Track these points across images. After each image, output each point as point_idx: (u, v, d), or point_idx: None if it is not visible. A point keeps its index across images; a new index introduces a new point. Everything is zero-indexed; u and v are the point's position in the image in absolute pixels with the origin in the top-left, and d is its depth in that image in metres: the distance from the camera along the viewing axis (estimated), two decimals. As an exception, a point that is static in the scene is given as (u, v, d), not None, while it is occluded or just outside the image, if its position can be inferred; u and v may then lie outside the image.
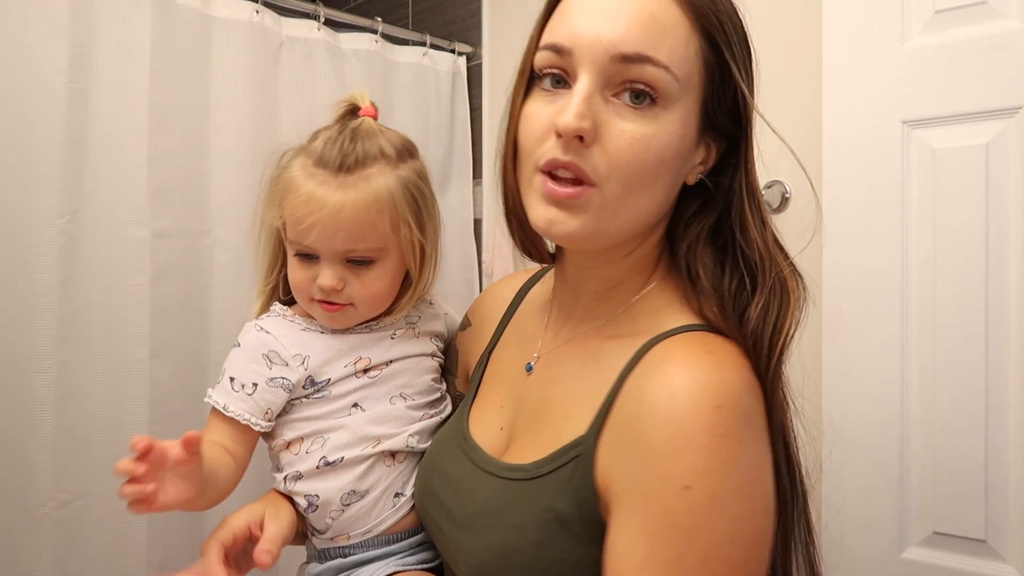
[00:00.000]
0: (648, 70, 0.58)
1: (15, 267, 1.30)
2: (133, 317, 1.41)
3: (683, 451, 0.55)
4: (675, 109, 0.60)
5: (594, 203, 0.60)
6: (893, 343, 1.16)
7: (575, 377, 0.68)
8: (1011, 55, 1.06)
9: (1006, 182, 1.07)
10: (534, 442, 0.67)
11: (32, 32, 1.31)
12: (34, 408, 1.32)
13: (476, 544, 0.65)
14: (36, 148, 1.31)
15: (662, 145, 0.59)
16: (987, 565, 1.09)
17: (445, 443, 0.78)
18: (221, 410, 0.79)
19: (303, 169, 0.77)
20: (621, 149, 0.59)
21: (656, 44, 0.58)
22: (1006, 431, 1.07)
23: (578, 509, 0.60)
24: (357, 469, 0.79)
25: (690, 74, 0.60)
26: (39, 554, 1.32)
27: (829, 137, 1.23)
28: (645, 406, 0.58)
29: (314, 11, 1.70)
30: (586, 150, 0.59)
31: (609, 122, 0.59)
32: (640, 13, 0.59)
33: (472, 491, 0.69)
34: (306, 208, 0.75)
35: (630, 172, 0.59)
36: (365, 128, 0.80)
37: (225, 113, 1.54)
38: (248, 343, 0.81)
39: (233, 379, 0.80)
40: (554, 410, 0.68)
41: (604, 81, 0.59)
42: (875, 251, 1.18)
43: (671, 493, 0.55)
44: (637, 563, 0.55)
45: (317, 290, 0.79)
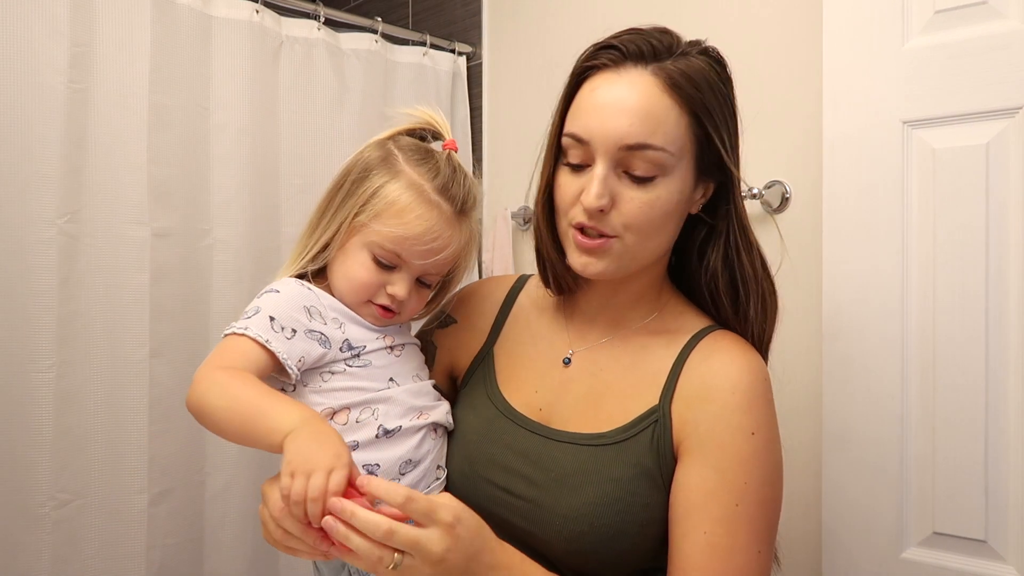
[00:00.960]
0: (649, 154, 0.76)
1: (15, 267, 1.30)
2: (133, 317, 1.41)
3: (751, 408, 0.78)
4: (673, 174, 0.78)
5: (616, 250, 0.80)
6: (893, 343, 1.16)
7: (629, 366, 0.86)
8: (1011, 55, 1.06)
9: (1006, 182, 1.07)
10: (596, 418, 0.83)
11: (32, 32, 1.31)
12: (34, 408, 1.32)
13: (575, 500, 0.79)
14: (36, 148, 1.31)
15: (664, 204, 0.78)
16: (987, 565, 1.09)
17: (493, 421, 0.88)
18: (263, 343, 0.78)
19: (420, 192, 0.83)
20: (633, 213, 0.78)
21: (653, 132, 0.75)
22: (1006, 431, 1.07)
23: (659, 462, 0.79)
24: (414, 438, 0.83)
25: (683, 146, 0.78)
26: (39, 554, 1.32)
27: (829, 137, 1.23)
28: (715, 377, 0.79)
29: (314, 11, 1.70)
30: (606, 216, 0.78)
31: (623, 193, 0.78)
32: (640, 108, 0.75)
33: (555, 458, 0.82)
34: (427, 236, 0.82)
35: (641, 228, 0.78)
36: (463, 167, 0.88)
37: (225, 113, 1.54)
38: (290, 292, 0.83)
39: (273, 319, 0.80)
40: (612, 391, 0.85)
41: (615, 163, 0.77)
42: (875, 251, 1.18)
43: (741, 438, 0.77)
44: (709, 492, 0.76)
45: (384, 296, 0.85)
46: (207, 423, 0.76)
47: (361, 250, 0.84)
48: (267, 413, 0.71)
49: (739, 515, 0.75)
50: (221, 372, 0.76)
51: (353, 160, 0.88)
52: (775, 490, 0.79)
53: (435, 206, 0.83)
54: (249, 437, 0.73)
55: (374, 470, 0.80)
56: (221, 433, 0.75)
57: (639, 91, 0.76)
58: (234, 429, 0.74)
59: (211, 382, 0.75)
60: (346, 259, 0.86)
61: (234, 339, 0.80)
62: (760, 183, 1.41)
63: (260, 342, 0.78)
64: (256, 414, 0.72)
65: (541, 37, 1.83)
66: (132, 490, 1.41)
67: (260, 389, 0.74)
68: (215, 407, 0.74)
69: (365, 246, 0.84)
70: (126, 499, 1.41)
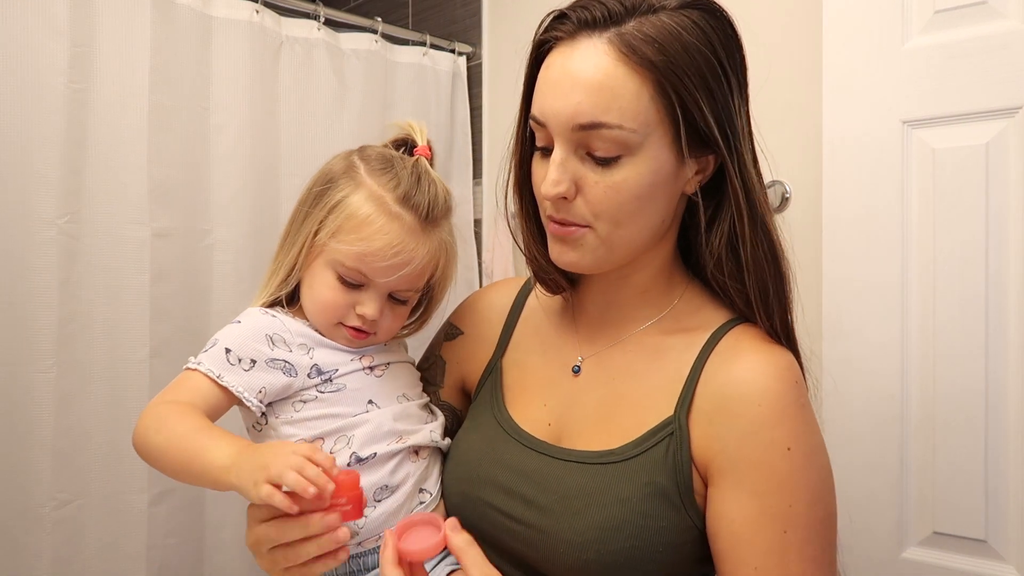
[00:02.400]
0: (604, 133, 0.66)
1: (15, 267, 1.30)
2: (133, 317, 1.41)
3: (782, 419, 0.68)
4: (642, 152, 0.68)
5: (589, 240, 0.72)
6: (893, 343, 1.16)
7: (642, 371, 0.77)
8: (1011, 55, 1.06)
9: (1006, 182, 1.07)
10: (608, 431, 0.75)
11: (32, 32, 1.31)
12: (34, 408, 1.32)
13: (580, 524, 0.70)
14: (36, 148, 1.31)
15: (633, 186, 0.68)
16: (987, 565, 1.09)
17: (496, 441, 0.81)
18: (214, 379, 0.76)
19: (381, 205, 0.78)
20: (599, 198, 0.69)
21: (607, 108, 0.66)
22: (1006, 431, 1.07)
23: (675, 480, 0.70)
24: (389, 464, 0.79)
25: (647, 120, 0.67)
26: (39, 554, 1.32)
27: (829, 137, 1.23)
28: (739, 387, 0.69)
29: (314, 11, 1.70)
30: (571, 204, 0.70)
31: (586, 176, 0.69)
32: (590, 83, 0.66)
33: (559, 478, 0.74)
34: (389, 251, 0.77)
35: (612, 214, 0.69)
36: (432, 173, 0.82)
37: (225, 113, 1.54)
38: (251, 323, 0.80)
39: (229, 351, 0.77)
40: (625, 401, 0.76)
41: (574, 145, 0.69)
42: (875, 251, 1.18)
43: (776, 455, 0.67)
44: (751, 521, 0.67)
45: (354, 317, 0.80)
46: (150, 461, 0.73)
47: (325, 270, 0.80)
48: (201, 449, 0.68)
49: (789, 543, 0.66)
50: (164, 407, 0.73)
51: (318, 173, 0.84)
52: (826, 507, 0.69)
53: (396, 218, 0.78)
54: (190, 475, 0.69)
55: None
56: (165, 471, 0.72)
57: (592, 63, 0.66)
58: (174, 468, 0.70)
59: (152, 417, 0.72)
60: (312, 280, 0.81)
61: (188, 374, 0.77)
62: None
63: (211, 378, 0.76)
64: (192, 451, 0.68)
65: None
66: (132, 490, 1.41)
67: (196, 424, 0.71)
68: (153, 444, 0.71)
69: (328, 265, 0.79)
70: (126, 499, 1.41)
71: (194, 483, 0.70)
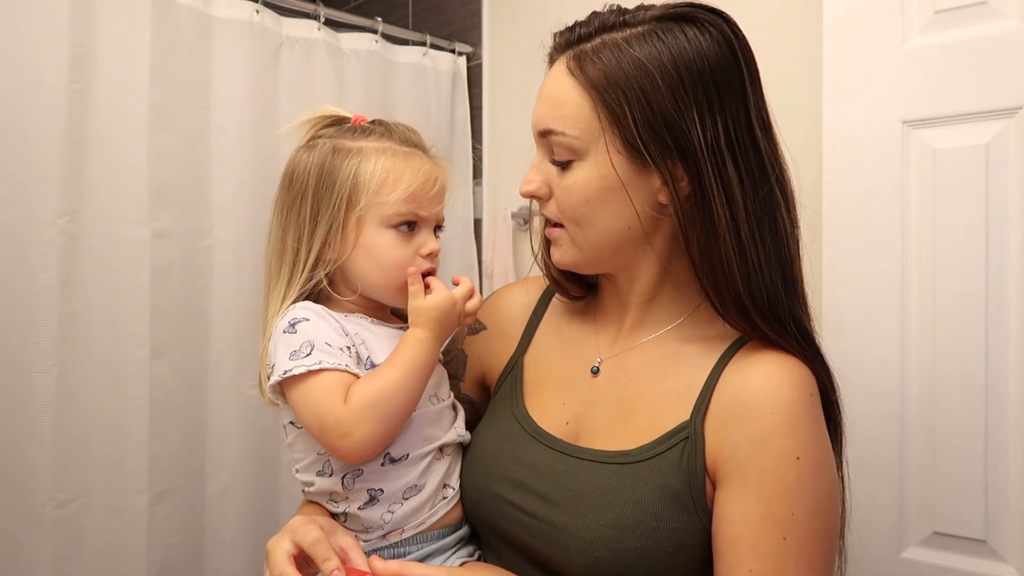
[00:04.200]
0: (554, 139, 0.75)
1: (15, 267, 1.31)
2: (133, 317, 1.41)
3: (794, 428, 0.69)
4: (588, 158, 0.74)
5: (564, 239, 0.79)
6: (893, 343, 1.16)
7: (660, 375, 0.79)
8: (1011, 55, 1.06)
9: (1006, 182, 1.07)
10: (625, 432, 0.77)
11: (32, 32, 1.31)
12: (34, 408, 1.32)
13: (593, 522, 0.72)
14: (36, 148, 1.32)
15: (582, 188, 0.75)
16: (987, 565, 1.09)
17: (513, 438, 0.83)
18: (343, 370, 0.75)
19: (393, 153, 0.83)
20: (560, 199, 0.77)
21: (554, 117, 0.74)
22: (1006, 431, 1.07)
23: (688, 483, 0.72)
24: (421, 464, 0.81)
25: (589, 127, 0.73)
26: (39, 554, 1.32)
27: (829, 137, 1.23)
28: (753, 394, 0.71)
29: (314, 11, 1.70)
30: (548, 203, 0.78)
31: (554, 179, 0.77)
32: (547, 96, 0.76)
33: (575, 476, 0.76)
34: (430, 178, 0.83)
35: (570, 213, 0.76)
36: (395, 123, 0.89)
37: (225, 113, 1.54)
38: (318, 315, 0.79)
39: (330, 344, 0.77)
40: (642, 403, 0.78)
41: (547, 150, 0.77)
42: (875, 251, 1.18)
43: (785, 463, 0.69)
44: (753, 524, 0.68)
45: (422, 261, 0.83)
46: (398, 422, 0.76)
47: (378, 232, 0.82)
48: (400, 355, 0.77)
49: (787, 550, 0.68)
50: (352, 403, 0.74)
51: (294, 174, 0.85)
52: (828, 520, 0.71)
53: (414, 155, 0.84)
54: (426, 375, 0.78)
55: (377, 495, 0.79)
56: (412, 403, 0.77)
57: (553, 79, 0.76)
58: (418, 387, 0.77)
59: (361, 411, 0.73)
60: (368, 253, 0.82)
61: (320, 378, 0.75)
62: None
63: (342, 369, 0.76)
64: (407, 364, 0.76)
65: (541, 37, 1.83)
66: (132, 490, 1.41)
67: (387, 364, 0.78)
68: (393, 407, 0.75)
69: (381, 225, 0.82)
70: (126, 499, 1.41)
71: (426, 381, 0.79)
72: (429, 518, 0.81)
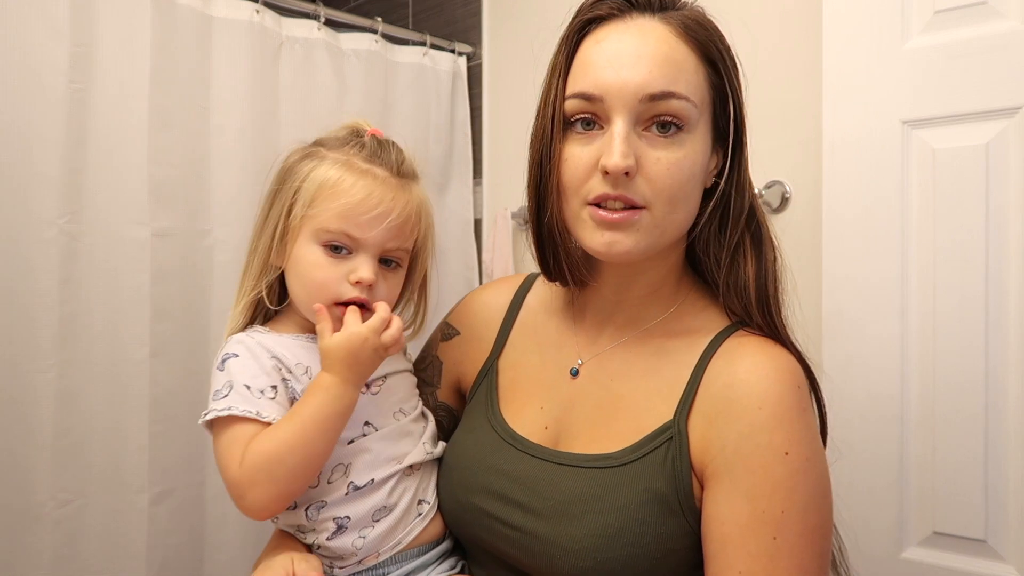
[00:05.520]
0: (673, 104, 0.68)
1: (15, 267, 1.30)
2: (133, 317, 1.41)
3: (782, 423, 0.67)
4: (696, 131, 0.70)
5: (644, 223, 0.69)
6: (893, 343, 1.16)
7: (643, 373, 0.76)
8: (1011, 55, 1.06)
9: (1006, 182, 1.07)
10: (607, 434, 0.74)
11: (32, 32, 1.31)
12: (34, 408, 1.32)
13: (576, 531, 0.69)
14: (36, 148, 1.31)
15: (692, 164, 0.69)
16: (987, 565, 1.08)
17: (490, 446, 0.79)
18: (255, 417, 0.72)
19: (351, 166, 0.77)
20: (661, 175, 0.68)
21: (675, 79, 0.68)
22: (1006, 431, 1.07)
23: (674, 485, 0.69)
24: (386, 486, 0.78)
25: (703, 98, 0.70)
26: (39, 554, 1.32)
27: (829, 137, 1.23)
28: (740, 388, 0.68)
29: (314, 11, 1.70)
30: (631, 182, 0.68)
31: (646, 153, 0.68)
32: (657, 55, 0.68)
33: (554, 483, 0.72)
34: (370, 201, 0.76)
35: (672, 193, 0.69)
36: (393, 141, 0.82)
37: (225, 113, 1.54)
38: (249, 351, 0.76)
39: (250, 386, 0.74)
40: (625, 404, 0.75)
41: (635, 119, 0.68)
42: (875, 251, 1.18)
43: (773, 459, 0.66)
44: (743, 523, 0.66)
45: (349, 288, 0.76)
46: (296, 481, 0.72)
47: (308, 246, 0.76)
48: (305, 405, 0.73)
49: (778, 549, 0.65)
50: (247, 461, 0.71)
51: (277, 169, 0.83)
52: (821, 516, 0.68)
53: (367, 173, 0.77)
54: (330, 428, 0.72)
55: (344, 523, 0.76)
56: (312, 461, 0.72)
57: (655, 37, 0.69)
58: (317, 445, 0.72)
59: (255, 471, 0.71)
60: (295, 266, 0.78)
61: (227, 425, 0.73)
62: (760, 183, 1.41)
63: (251, 418, 0.72)
64: (306, 418, 0.72)
65: (541, 37, 1.83)
66: (132, 490, 1.41)
67: (285, 420, 0.73)
68: (287, 467, 0.71)
69: (311, 238, 0.76)
70: (126, 499, 1.41)
71: (337, 434, 0.74)
72: (405, 537, 0.78)
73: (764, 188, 1.41)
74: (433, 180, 1.96)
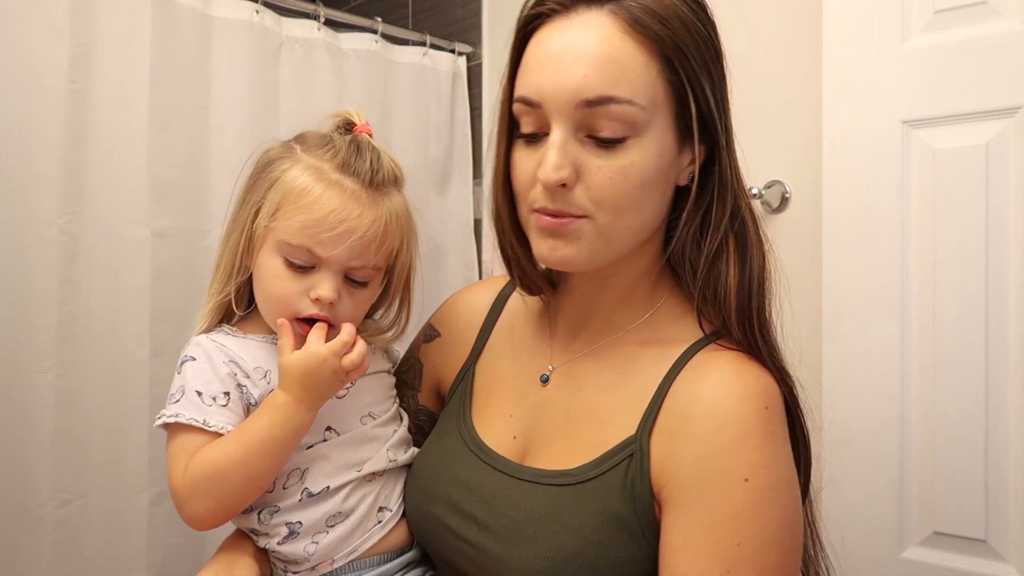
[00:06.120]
0: (613, 109, 0.61)
1: (15, 267, 1.30)
2: (133, 317, 1.41)
3: (742, 446, 0.60)
4: (648, 133, 0.63)
5: (587, 232, 0.64)
6: (893, 343, 1.16)
7: (611, 384, 0.70)
8: (1011, 55, 1.06)
9: (1006, 182, 1.07)
10: (572, 448, 0.68)
11: (32, 32, 1.31)
12: (34, 408, 1.32)
13: (529, 552, 0.64)
14: (36, 148, 1.31)
15: (640, 170, 0.63)
16: (987, 565, 1.09)
17: (455, 454, 0.75)
18: (201, 426, 0.71)
19: (321, 175, 0.73)
20: (603, 185, 0.63)
21: (616, 82, 0.61)
22: (1006, 431, 1.07)
23: (634, 506, 0.64)
24: (340, 494, 0.75)
25: (655, 97, 0.63)
26: (39, 554, 1.32)
27: (829, 137, 1.23)
28: (701, 407, 0.63)
29: (314, 11, 1.70)
30: (570, 193, 0.63)
31: (587, 162, 0.63)
32: (596, 56, 0.61)
33: (511, 499, 0.68)
34: (334, 218, 0.71)
35: (616, 202, 0.63)
36: (375, 145, 0.77)
37: (225, 113, 1.54)
38: (206, 355, 0.75)
39: (201, 392, 0.73)
40: (591, 416, 0.70)
41: (575, 126, 0.63)
42: (875, 251, 1.18)
43: (730, 485, 0.60)
44: (695, 554, 0.60)
45: (309, 304, 0.73)
46: (233, 501, 0.71)
47: (271, 257, 0.73)
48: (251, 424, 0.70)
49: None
50: (188, 473, 0.70)
51: (253, 164, 0.79)
52: (782, 553, 0.61)
53: (335, 185, 0.72)
54: (274, 451, 0.70)
55: (296, 528, 0.74)
56: (254, 485, 0.71)
57: (596, 35, 0.61)
58: (258, 467, 0.70)
59: (192, 487, 0.70)
60: (259, 273, 0.75)
61: (176, 432, 0.73)
62: (760, 183, 1.41)
63: (197, 426, 0.71)
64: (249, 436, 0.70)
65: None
66: (132, 490, 1.41)
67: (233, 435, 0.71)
68: (225, 488, 0.70)
69: (274, 250, 0.73)
70: (126, 499, 1.41)
71: (287, 454, 0.71)
72: (361, 545, 0.76)
73: (764, 188, 1.41)
74: (433, 180, 1.96)
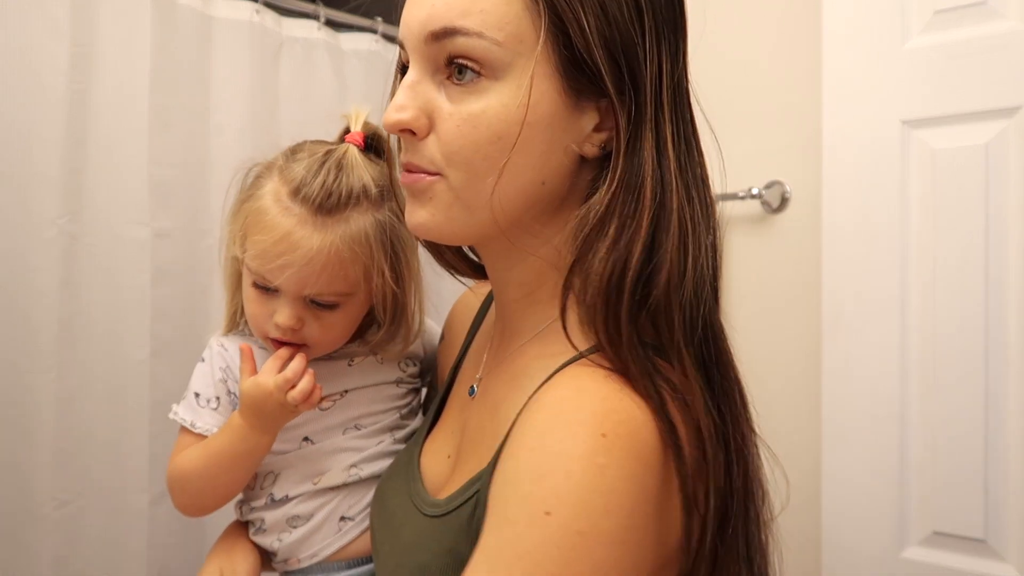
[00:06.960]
0: (459, 42, 0.52)
1: (15, 268, 1.30)
2: (134, 318, 1.41)
3: (551, 474, 0.46)
4: (508, 77, 0.52)
5: (441, 193, 0.55)
6: (893, 343, 1.16)
7: (499, 403, 0.60)
8: (1011, 55, 1.06)
9: (1006, 182, 1.07)
10: (463, 474, 0.60)
11: (32, 32, 1.31)
12: (34, 408, 1.32)
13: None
14: (36, 148, 1.31)
15: (494, 120, 0.52)
16: (987, 565, 1.09)
17: (396, 471, 0.73)
18: (188, 427, 0.79)
19: (276, 200, 0.71)
20: (451, 134, 0.53)
21: (464, 12, 0.51)
22: (1006, 431, 1.07)
23: (472, 548, 0.50)
24: (294, 501, 0.79)
25: (519, 32, 0.52)
26: (39, 554, 1.32)
27: (829, 137, 1.23)
28: (523, 427, 0.51)
29: (314, 11, 1.70)
30: (422, 144, 0.55)
31: (441, 108, 0.54)
32: None
33: (401, 526, 0.63)
34: (277, 248, 0.69)
35: (466, 156, 0.53)
36: (350, 159, 0.73)
37: (225, 113, 1.54)
38: (209, 358, 0.82)
39: (198, 395, 0.80)
40: (479, 438, 0.61)
41: (432, 66, 0.54)
42: (875, 251, 1.18)
43: (528, 517, 0.46)
44: None
45: (274, 327, 0.73)
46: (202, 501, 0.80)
47: (247, 275, 0.75)
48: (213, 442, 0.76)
49: None
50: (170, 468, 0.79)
51: (239, 183, 0.81)
52: None
53: (286, 212, 0.70)
54: (233, 466, 0.76)
55: (262, 524, 0.81)
56: (219, 493, 0.79)
57: None
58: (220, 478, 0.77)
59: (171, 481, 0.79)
60: (242, 290, 0.78)
61: (178, 429, 0.81)
62: (760, 183, 1.41)
63: (185, 427, 0.79)
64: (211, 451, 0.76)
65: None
66: (133, 490, 1.41)
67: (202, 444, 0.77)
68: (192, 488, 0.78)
69: (246, 270, 0.75)
70: (127, 499, 1.40)
71: (244, 469, 0.77)
72: (323, 550, 0.78)
73: (764, 188, 1.41)
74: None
